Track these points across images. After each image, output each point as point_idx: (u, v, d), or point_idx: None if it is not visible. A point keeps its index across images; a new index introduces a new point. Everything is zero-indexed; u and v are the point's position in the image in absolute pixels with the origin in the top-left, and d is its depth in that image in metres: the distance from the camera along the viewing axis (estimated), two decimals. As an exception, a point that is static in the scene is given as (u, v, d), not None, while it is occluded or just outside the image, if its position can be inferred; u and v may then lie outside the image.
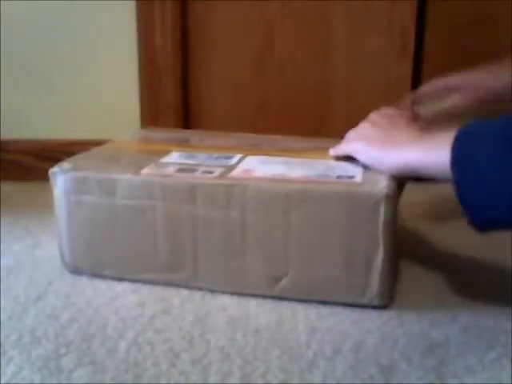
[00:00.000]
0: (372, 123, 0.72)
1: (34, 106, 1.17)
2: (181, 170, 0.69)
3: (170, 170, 0.69)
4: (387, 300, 0.65)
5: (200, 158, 0.73)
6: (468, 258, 0.79)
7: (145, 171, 0.69)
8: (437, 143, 0.59)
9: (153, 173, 0.68)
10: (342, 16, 1.14)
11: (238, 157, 0.74)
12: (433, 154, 0.58)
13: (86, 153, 0.78)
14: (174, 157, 0.74)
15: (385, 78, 1.16)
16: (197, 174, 0.67)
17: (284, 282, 0.66)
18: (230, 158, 0.73)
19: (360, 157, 0.68)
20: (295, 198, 0.63)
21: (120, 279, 0.71)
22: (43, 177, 0.71)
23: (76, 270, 0.73)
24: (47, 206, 0.72)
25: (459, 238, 0.85)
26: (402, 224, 0.73)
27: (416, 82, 1.17)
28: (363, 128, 0.72)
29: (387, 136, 0.68)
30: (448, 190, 0.56)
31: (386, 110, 0.75)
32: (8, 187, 1.11)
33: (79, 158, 0.75)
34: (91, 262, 0.72)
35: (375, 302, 0.64)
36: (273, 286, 0.66)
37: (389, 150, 0.65)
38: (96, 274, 0.72)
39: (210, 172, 0.68)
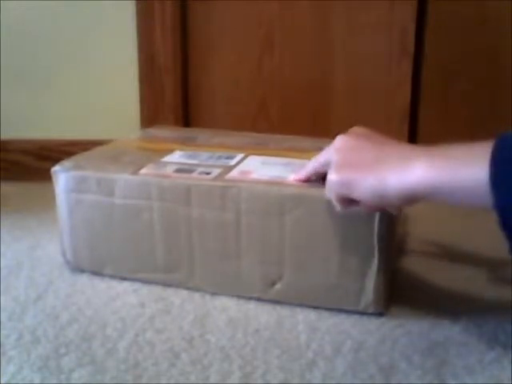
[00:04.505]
0: (345, 147, 0.56)
1: (34, 106, 1.17)
2: (178, 171, 0.69)
3: (168, 170, 0.69)
4: (383, 307, 0.64)
5: (201, 158, 0.73)
6: (468, 258, 0.79)
7: (143, 171, 0.69)
8: (465, 156, 0.46)
9: (150, 173, 0.69)
10: (342, 16, 1.14)
11: (239, 157, 0.73)
12: (462, 170, 0.46)
13: (89, 152, 0.79)
14: (176, 156, 0.74)
15: (385, 78, 1.16)
16: (194, 175, 0.67)
17: (279, 285, 0.65)
18: (231, 157, 0.73)
19: (340, 191, 0.55)
20: (289, 201, 0.63)
21: (119, 278, 0.71)
22: (43, 177, 0.71)
23: (77, 268, 0.73)
24: (47, 205, 0.72)
25: (459, 237, 0.85)
26: (401, 224, 0.73)
27: (416, 82, 1.17)
28: (336, 152, 0.56)
29: (377, 152, 0.53)
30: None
31: (357, 130, 0.59)
32: (8, 187, 1.11)
33: (81, 157, 0.76)
34: (91, 259, 0.72)
35: (370, 310, 0.63)
36: (268, 289, 0.66)
37: (385, 168, 0.51)
38: (96, 272, 0.72)
39: (208, 173, 0.68)
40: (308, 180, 0.64)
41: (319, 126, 1.17)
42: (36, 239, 0.85)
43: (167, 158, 0.73)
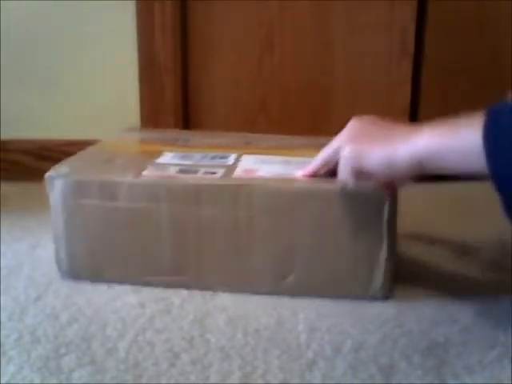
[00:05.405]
0: (355, 128, 0.62)
1: (33, 105, 1.17)
2: (182, 171, 0.68)
3: (171, 171, 0.69)
4: (389, 292, 0.67)
5: (195, 158, 0.73)
6: (468, 258, 0.79)
7: (146, 173, 0.68)
8: (461, 126, 0.51)
9: (154, 175, 0.68)
10: (342, 16, 1.14)
11: (233, 156, 0.73)
12: (459, 135, 0.50)
13: (77, 155, 0.77)
14: (169, 157, 0.74)
15: (385, 78, 1.16)
16: (199, 175, 0.67)
17: (290, 279, 0.66)
18: (225, 157, 0.73)
19: (353, 164, 0.59)
20: (301, 196, 0.64)
21: (123, 283, 0.70)
22: (43, 177, 0.71)
23: (75, 278, 0.71)
24: (47, 206, 0.72)
25: (459, 237, 0.85)
26: (401, 223, 0.73)
27: (416, 82, 1.17)
28: (347, 133, 0.61)
29: (385, 131, 0.58)
30: (448, 188, 0.55)
31: (367, 117, 0.63)
32: (8, 187, 1.11)
33: (73, 161, 0.73)
34: (92, 268, 0.70)
35: (379, 294, 0.66)
36: (279, 284, 0.67)
37: (394, 142, 0.55)
38: (97, 281, 0.70)
39: (213, 172, 0.68)
40: (315, 175, 0.65)
41: (319, 126, 1.17)
42: (36, 239, 0.85)
43: (161, 160, 0.73)
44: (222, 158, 0.73)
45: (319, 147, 0.72)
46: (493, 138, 0.48)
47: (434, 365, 0.54)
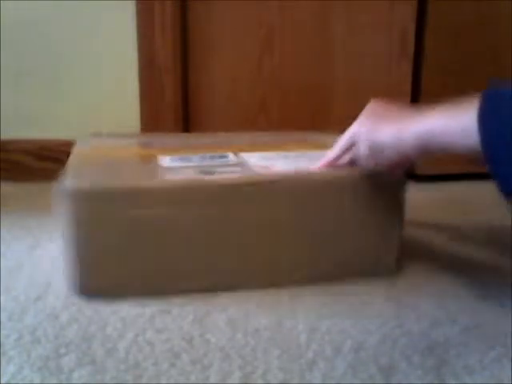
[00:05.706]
0: (370, 109, 0.66)
1: (34, 105, 1.17)
2: (203, 173, 0.66)
3: (189, 173, 0.66)
4: (397, 268, 0.73)
5: (196, 159, 0.72)
6: (468, 258, 0.79)
7: (167, 177, 0.65)
8: (460, 108, 0.55)
9: (175, 178, 0.65)
10: (342, 16, 1.14)
11: (231, 155, 0.73)
12: (457, 119, 0.55)
13: (76, 164, 0.71)
14: (168, 160, 0.71)
15: (385, 78, 1.16)
16: (222, 175, 0.66)
17: (315, 266, 0.69)
18: (224, 157, 0.73)
19: (368, 138, 0.63)
20: (334, 186, 0.67)
21: (148, 296, 0.66)
22: (43, 177, 0.71)
23: (93, 295, 0.65)
24: (47, 206, 0.72)
25: (459, 237, 0.85)
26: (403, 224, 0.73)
27: (416, 82, 1.17)
28: (363, 116, 0.66)
29: (397, 112, 0.63)
30: (448, 189, 0.55)
31: (380, 100, 0.68)
32: (8, 187, 1.11)
33: (78, 170, 0.68)
34: (113, 283, 0.66)
35: (390, 269, 0.72)
36: (305, 273, 0.69)
37: (404, 121, 0.60)
38: (119, 296, 0.65)
39: (231, 172, 0.67)
40: (334, 164, 0.69)
41: (319, 126, 1.17)
42: (36, 239, 0.85)
43: (165, 163, 0.70)
44: (221, 157, 0.73)
45: (307, 142, 0.76)
46: (488, 120, 0.51)
47: (434, 365, 0.54)
